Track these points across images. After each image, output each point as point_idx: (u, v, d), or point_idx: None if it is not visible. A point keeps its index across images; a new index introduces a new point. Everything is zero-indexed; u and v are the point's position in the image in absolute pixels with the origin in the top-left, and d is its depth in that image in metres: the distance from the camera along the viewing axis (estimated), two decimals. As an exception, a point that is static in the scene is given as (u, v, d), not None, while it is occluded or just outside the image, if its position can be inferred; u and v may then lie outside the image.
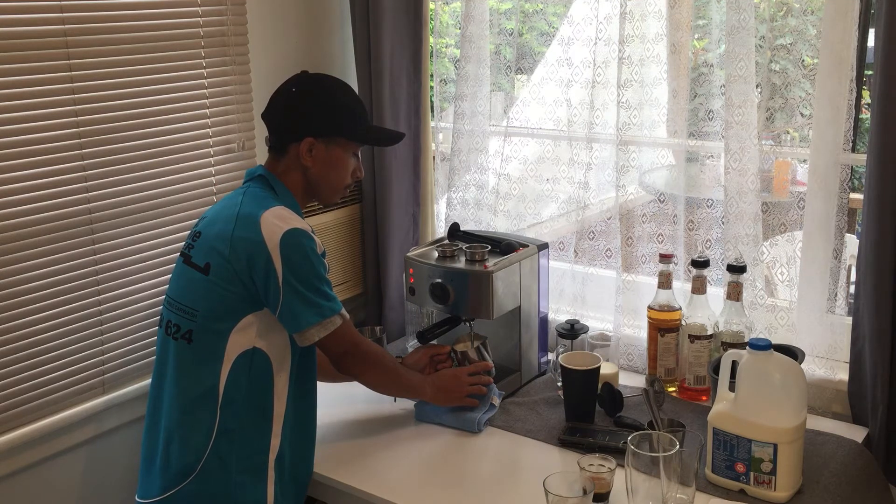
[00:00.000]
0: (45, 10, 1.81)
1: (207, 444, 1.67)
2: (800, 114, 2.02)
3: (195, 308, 1.69)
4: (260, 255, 1.64)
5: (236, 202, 1.73)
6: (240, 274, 1.66)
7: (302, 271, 1.66)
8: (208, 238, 1.71)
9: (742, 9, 1.90)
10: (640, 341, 2.18)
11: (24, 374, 1.86)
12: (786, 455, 1.61)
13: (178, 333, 1.71)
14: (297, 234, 1.66)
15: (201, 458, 1.67)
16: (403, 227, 2.51)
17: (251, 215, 1.68)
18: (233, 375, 1.67)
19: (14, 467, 1.87)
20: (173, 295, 1.76)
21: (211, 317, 1.68)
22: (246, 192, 1.75)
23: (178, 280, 1.76)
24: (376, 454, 1.89)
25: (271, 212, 1.68)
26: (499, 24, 2.35)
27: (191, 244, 1.75)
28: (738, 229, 2.01)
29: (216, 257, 1.68)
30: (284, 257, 1.64)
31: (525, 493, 1.70)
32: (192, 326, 1.69)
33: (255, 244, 1.65)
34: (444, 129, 2.52)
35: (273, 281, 1.64)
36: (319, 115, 1.78)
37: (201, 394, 1.68)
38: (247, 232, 1.66)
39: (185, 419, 1.69)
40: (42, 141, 1.83)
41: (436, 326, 2.11)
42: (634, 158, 2.17)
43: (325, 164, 1.79)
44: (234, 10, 2.17)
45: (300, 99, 1.79)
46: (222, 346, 1.67)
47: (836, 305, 2.02)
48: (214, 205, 1.85)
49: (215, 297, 1.67)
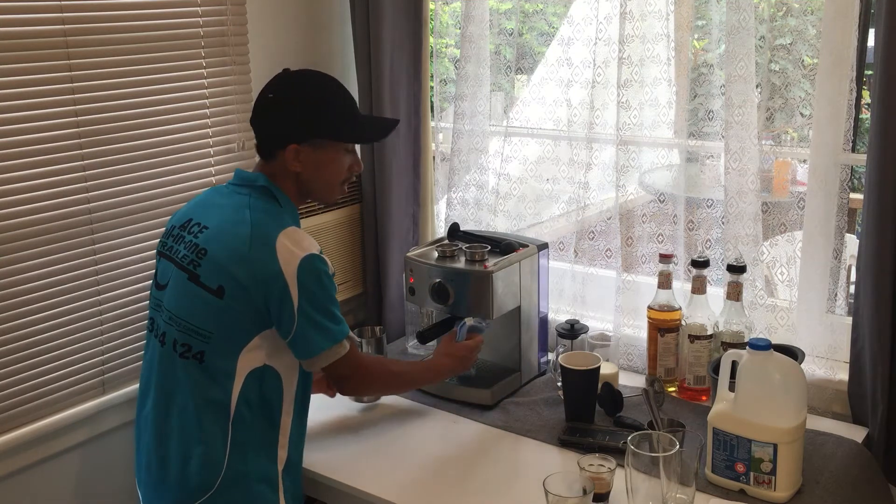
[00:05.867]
0: (45, 10, 1.81)
1: (224, 460, 1.66)
2: (800, 114, 2.02)
3: (209, 330, 1.66)
4: (276, 284, 1.62)
5: (244, 218, 1.67)
6: (255, 300, 1.63)
7: (317, 298, 1.65)
8: (218, 258, 1.66)
9: (742, 9, 1.90)
10: (640, 341, 2.18)
11: (23, 374, 1.86)
12: (786, 455, 1.61)
13: (188, 353, 1.67)
14: (313, 261, 1.64)
15: (220, 473, 1.66)
16: (403, 227, 2.51)
17: (266, 237, 1.64)
18: (244, 392, 1.66)
19: (14, 467, 1.87)
20: (180, 314, 1.69)
21: (225, 337, 1.66)
22: (251, 205, 1.70)
23: (184, 299, 1.69)
24: (376, 454, 1.89)
25: (285, 234, 1.65)
26: (499, 24, 2.35)
27: (195, 261, 1.67)
28: (738, 229, 2.01)
29: (230, 281, 1.63)
30: (301, 285, 1.62)
31: (525, 493, 1.70)
32: (205, 348, 1.66)
33: (271, 272, 1.62)
34: (444, 129, 2.52)
35: (288, 308, 1.63)
36: (299, 121, 1.73)
37: (215, 411, 1.66)
38: (262, 257, 1.62)
39: (203, 436, 1.67)
40: (42, 141, 1.83)
41: (436, 326, 2.11)
42: (634, 158, 2.17)
43: (316, 167, 1.75)
44: (234, 10, 2.17)
45: (278, 106, 1.74)
46: (233, 365, 1.65)
47: (836, 305, 2.02)
48: (201, 205, 1.78)
49: (229, 320, 1.65)
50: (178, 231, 1.75)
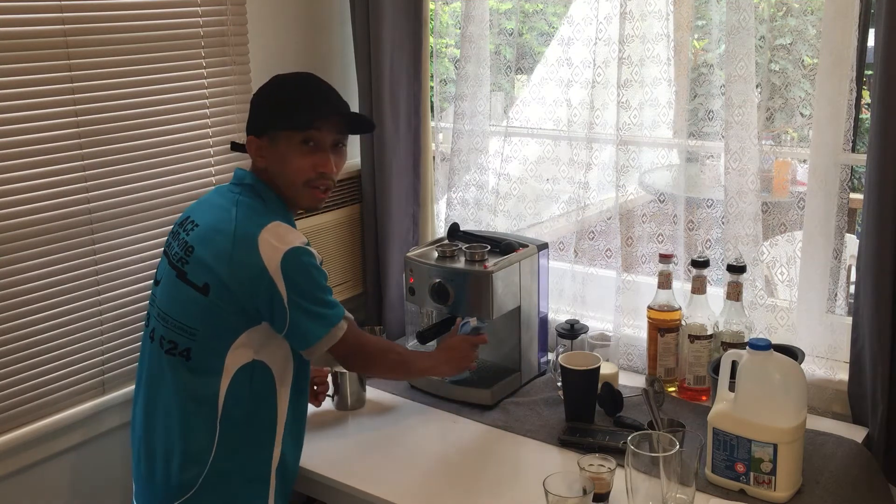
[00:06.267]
0: (45, 10, 1.81)
1: (208, 459, 1.66)
2: (800, 114, 2.02)
3: (194, 327, 1.66)
4: (262, 281, 1.62)
5: (230, 216, 1.68)
6: (240, 298, 1.63)
7: (305, 289, 1.65)
8: (204, 256, 1.67)
9: (742, 9, 1.90)
10: (639, 341, 2.18)
11: (23, 374, 1.86)
12: (786, 455, 1.61)
13: (174, 350, 1.68)
14: (297, 253, 1.64)
15: (202, 473, 1.66)
16: (403, 227, 2.51)
17: (248, 235, 1.64)
18: (232, 389, 1.66)
19: (14, 467, 1.87)
20: (168, 311, 1.70)
21: (210, 335, 1.66)
22: (238, 202, 1.71)
23: (172, 296, 1.71)
24: (376, 454, 1.89)
25: (268, 231, 1.65)
26: (499, 24, 2.35)
27: (184, 258, 1.69)
28: (738, 229, 2.01)
29: (214, 279, 1.65)
30: (287, 278, 1.62)
31: (525, 493, 1.70)
32: (192, 345, 1.67)
33: (255, 269, 1.62)
34: (444, 129, 2.52)
35: (278, 303, 1.63)
36: (256, 112, 1.78)
37: (200, 408, 1.67)
38: (245, 255, 1.63)
39: (186, 434, 1.67)
40: (42, 141, 1.83)
41: (436, 326, 2.11)
42: (634, 158, 2.17)
43: (278, 162, 1.73)
44: (234, 10, 2.17)
45: (251, 101, 1.80)
46: (221, 362, 1.66)
47: (836, 305, 2.02)
48: (201, 203, 1.80)
49: (215, 317, 1.65)
50: (177, 228, 1.77)
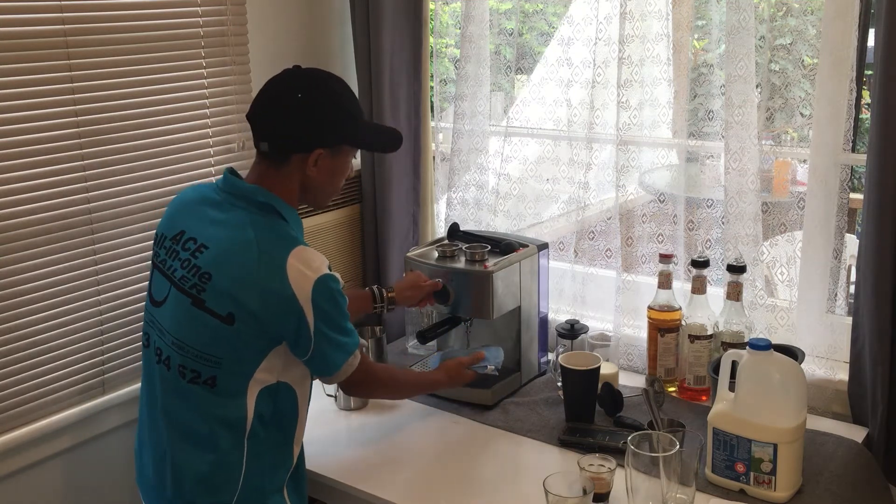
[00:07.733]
0: (45, 10, 1.81)
1: (240, 476, 1.64)
2: (800, 114, 2.02)
3: (218, 356, 1.61)
4: (291, 310, 1.57)
5: (247, 238, 1.60)
6: (266, 325, 1.59)
7: (332, 317, 1.62)
8: (225, 285, 1.59)
9: (742, 9, 1.90)
10: (640, 341, 2.18)
11: (23, 374, 1.86)
12: (786, 455, 1.61)
13: (198, 379, 1.62)
14: (326, 281, 1.60)
15: (236, 489, 1.64)
16: (403, 227, 2.51)
17: (274, 261, 1.57)
18: (258, 409, 1.63)
19: (14, 467, 1.87)
20: (185, 340, 1.62)
21: (235, 360, 1.62)
22: (253, 222, 1.62)
23: (188, 324, 1.62)
24: (376, 454, 1.89)
25: (294, 256, 1.58)
26: (499, 24, 2.35)
27: (198, 285, 1.60)
28: (738, 229, 2.01)
29: (239, 309, 1.57)
30: (316, 307, 1.58)
31: (525, 493, 1.70)
32: (217, 373, 1.62)
33: (284, 297, 1.56)
34: (444, 129, 2.52)
35: (304, 332, 1.59)
36: (330, 126, 1.68)
37: (228, 429, 1.63)
38: (275, 283, 1.57)
39: (217, 454, 1.63)
40: (42, 141, 1.83)
41: (436, 326, 2.11)
42: (634, 158, 2.17)
43: (329, 173, 1.70)
44: (234, 10, 2.17)
45: (309, 108, 1.65)
46: (245, 384, 1.62)
47: (836, 305, 2.02)
48: (191, 214, 1.69)
49: (241, 345, 1.60)
50: (169, 244, 1.69)
